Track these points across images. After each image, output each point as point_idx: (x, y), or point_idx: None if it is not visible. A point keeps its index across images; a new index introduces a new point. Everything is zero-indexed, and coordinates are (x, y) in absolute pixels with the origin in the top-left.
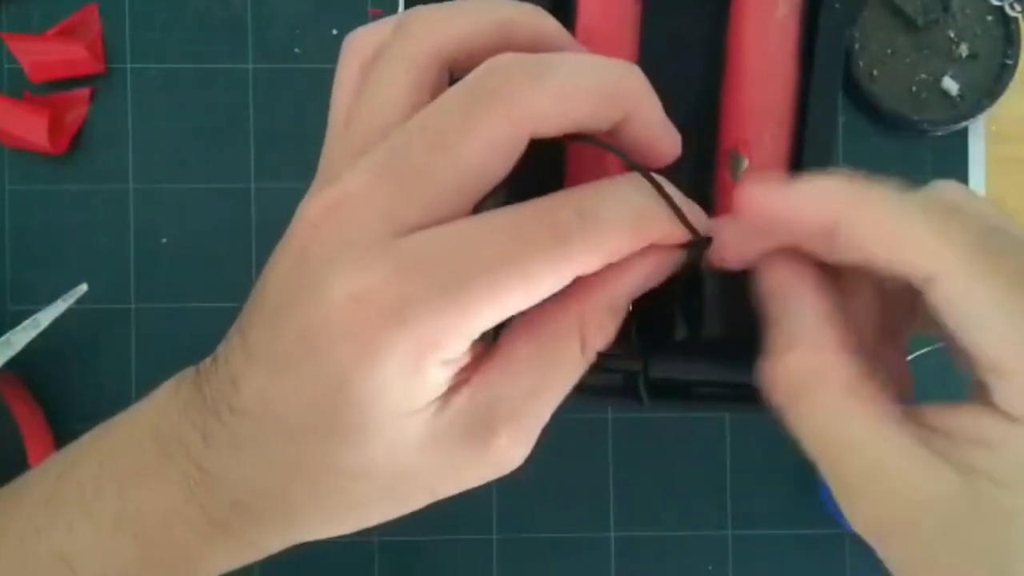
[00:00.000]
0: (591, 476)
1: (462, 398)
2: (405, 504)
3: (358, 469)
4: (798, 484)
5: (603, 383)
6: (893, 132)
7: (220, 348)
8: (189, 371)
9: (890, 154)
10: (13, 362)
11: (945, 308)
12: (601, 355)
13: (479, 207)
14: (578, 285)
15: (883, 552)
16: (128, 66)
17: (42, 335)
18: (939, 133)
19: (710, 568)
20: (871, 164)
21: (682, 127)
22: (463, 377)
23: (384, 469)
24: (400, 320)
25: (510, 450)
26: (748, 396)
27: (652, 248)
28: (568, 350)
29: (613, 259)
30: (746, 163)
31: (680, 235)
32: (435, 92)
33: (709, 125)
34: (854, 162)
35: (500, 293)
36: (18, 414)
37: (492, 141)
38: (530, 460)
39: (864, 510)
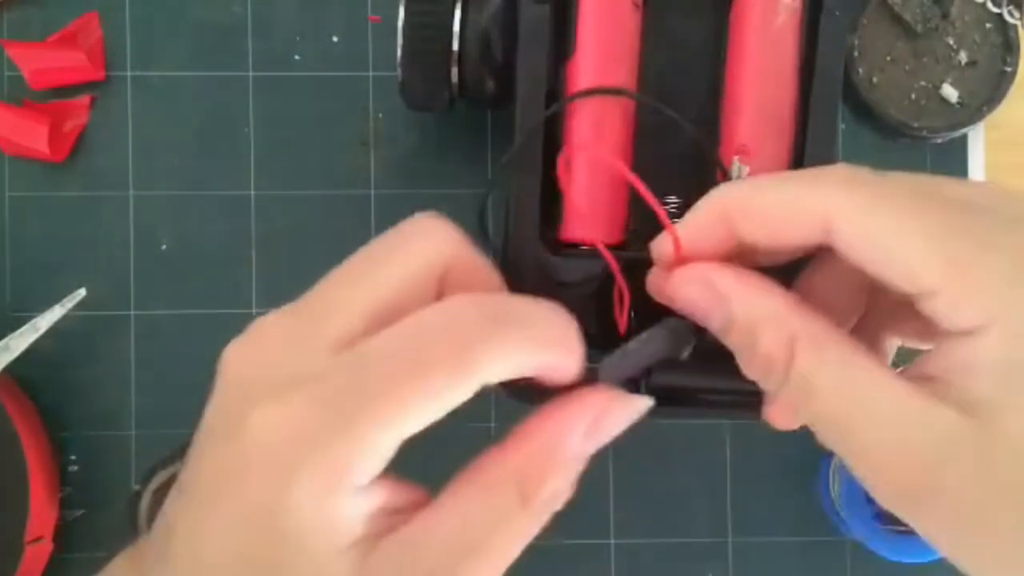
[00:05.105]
0: (591, 483)
1: (391, 544)
2: None
3: None
4: (799, 490)
5: None
6: (893, 139)
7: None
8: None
9: (890, 161)
10: (11, 367)
11: (855, 249)
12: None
13: None
14: (519, 431)
15: (916, 521)
16: (128, 73)
17: (41, 340)
18: (939, 140)
19: (710, 575)
20: None
21: (683, 135)
22: (395, 522)
23: None
24: (305, 445)
25: None
26: (749, 403)
27: (598, 395)
28: (503, 502)
29: (523, 370)
30: (747, 171)
31: (572, 366)
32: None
33: (710, 133)
34: None
35: (397, 411)
36: (16, 419)
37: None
38: None
39: (881, 472)
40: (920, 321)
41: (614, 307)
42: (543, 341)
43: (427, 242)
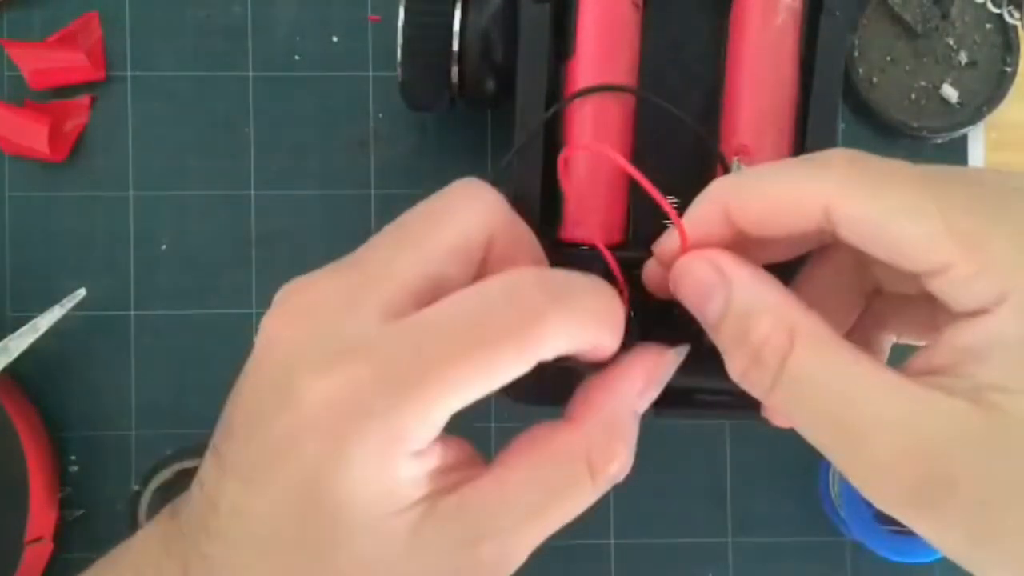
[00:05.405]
0: None
1: (450, 504)
2: None
3: None
4: (799, 491)
5: None
6: (893, 139)
7: (196, 477)
8: (168, 508)
9: None
10: (11, 367)
11: (859, 231)
12: (603, 365)
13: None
14: (582, 403)
15: (924, 524)
16: (128, 73)
17: (40, 340)
18: (939, 140)
19: (710, 575)
20: None
21: (683, 135)
22: (450, 481)
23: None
24: (363, 413)
25: (495, 569)
26: (750, 403)
27: (645, 356)
28: (574, 475)
29: (578, 347)
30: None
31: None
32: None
33: (710, 133)
34: None
35: (459, 381)
36: (16, 419)
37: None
38: None
39: (887, 475)
40: (920, 314)
41: None
42: (598, 319)
43: (475, 208)
